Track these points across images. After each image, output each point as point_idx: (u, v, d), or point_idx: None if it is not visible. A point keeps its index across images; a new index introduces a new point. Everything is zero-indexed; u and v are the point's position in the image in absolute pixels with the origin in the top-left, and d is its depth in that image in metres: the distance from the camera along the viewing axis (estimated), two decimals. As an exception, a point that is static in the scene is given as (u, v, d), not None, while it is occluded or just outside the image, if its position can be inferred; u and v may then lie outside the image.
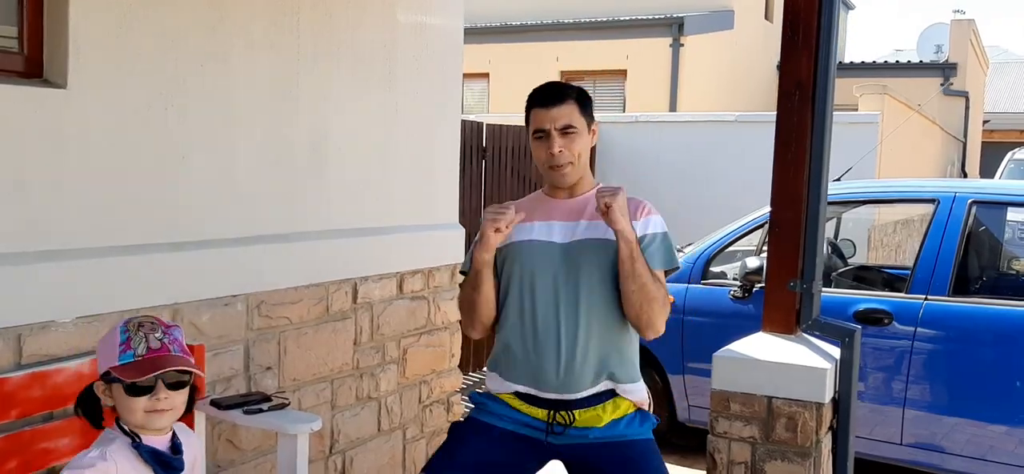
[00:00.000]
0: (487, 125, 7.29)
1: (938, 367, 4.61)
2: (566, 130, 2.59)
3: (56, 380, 2.65)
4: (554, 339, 2.57)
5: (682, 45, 14.21)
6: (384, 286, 4.09)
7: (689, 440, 5.35)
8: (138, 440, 2.01)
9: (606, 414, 2.62)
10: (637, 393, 2.72)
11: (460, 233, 4.63)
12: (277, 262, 3.52)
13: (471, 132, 6.93)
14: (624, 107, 14.25)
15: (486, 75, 15.13)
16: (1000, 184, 5.97)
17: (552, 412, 2.60)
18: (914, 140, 12.70)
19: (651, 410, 2.79)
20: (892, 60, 20.36)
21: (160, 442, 2.05)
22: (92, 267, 2.86)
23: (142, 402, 1.97)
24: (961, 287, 4.76)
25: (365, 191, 3.99)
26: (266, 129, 3.47)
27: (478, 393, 2.79)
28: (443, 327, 4.51)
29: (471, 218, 6.06)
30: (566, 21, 14.72)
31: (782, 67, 3.59)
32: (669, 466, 5.33)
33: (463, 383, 4.95)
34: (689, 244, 5.75)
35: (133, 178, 2.99)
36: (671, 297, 5.40)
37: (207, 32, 3.20)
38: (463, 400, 4.67)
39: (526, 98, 2.71)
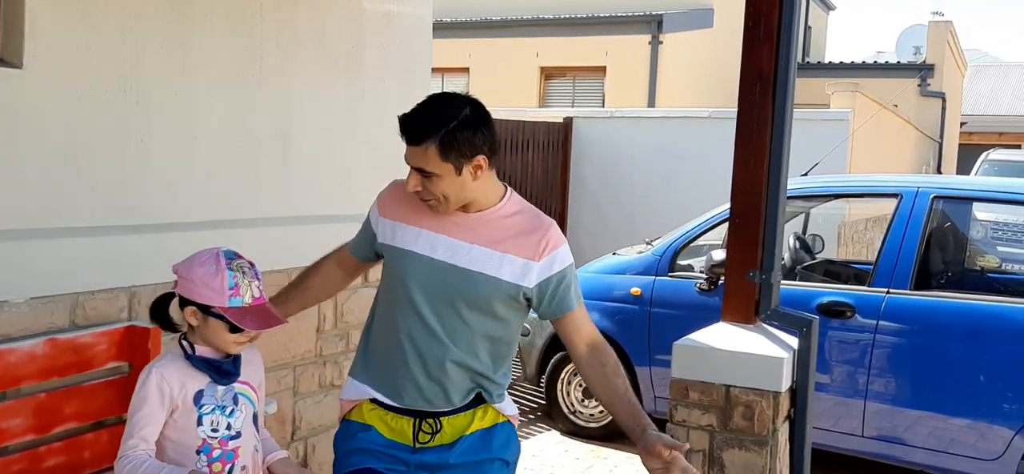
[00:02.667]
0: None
1: (900, 360, 4.66)
2: (422, 172, 2.23)
3: (8, 360, 2.64)
4: (418, 362, 2.34)
5: (661, 43, 14.25)
6: (349, 274, 4.09)
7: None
8: (192, 352, 2.27)
9: (476, 421, 2.42)
10: (508, 410, 2.51)
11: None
12: (238, 247, 3.47)
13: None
14: (603, 104, 14.29)
15: (466, 70, 15.12)
16: (964, 179, 6.04)
17: (418, 421, 2.38)
18: (888, 139, 12.80)
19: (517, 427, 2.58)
20: (871, 61, 20.49)
21: (214, 353, 2.28)
22: (47, 248, 2.85)
23: (235, 337, 2.25)
24: (923, 281, 4.82)
25: (329, 179, 3.99)
26: (227, 114, 3.47)
27: (337, 442, 2.51)
28: (409, 316, 4.52)
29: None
30: (546, 17, 14.73)
31: (743, 60, 3.62)
32: (636, 457, 5.40)
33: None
34: (657, 237, 5.79)
35: (90, 160, 2.98)
36: (637, 290, 5.47)
37: (167, 14, 3.19)
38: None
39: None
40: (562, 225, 9.53)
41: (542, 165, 9.24)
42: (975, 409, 4.47)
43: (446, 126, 2.19)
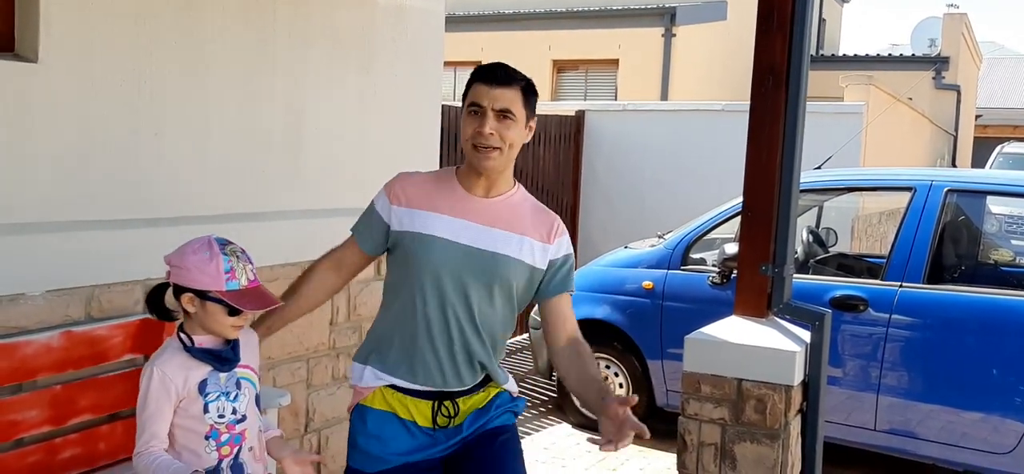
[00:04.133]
0: (473, 111, 7.28)
1: (913, 354, 4.65)
2: (504, 114, 2.37)
3: (25, 352, 2.67)
4: (445, 344, 2.42)
5: (674, 35, 14.20)
6: (362, 267, 4.11)
7: (668, 424, 5.37)
8: (191, 343, 2.30)
9: (487, 396, 2.56)
10: (511, 387, 2.65)
11: (439, 216, 4.64)
12: (252, 240, 3.48)
13: (456, 118, 6.92)
14: (616, 97, 14.25)
15: (478, 63, 15.12)
16: (978, 173, 6.00)
17: (436, 403, 2.47)
18: (903, 133, 12.73)
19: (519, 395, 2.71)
20: (886, 54, 20.39)
21: (212, 342, 2.32)
22: (63, 241, 2.87)
23: (232, 320, 2.29)
24: (936, 275, 4.80)
25: (342, 172, 4.00)
26: (241, 108, 3.49)
27: (354, 426, 2.55)
28: (421, 309, 4.53)
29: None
30: (558, 9, 14.71)
31: (756, 52, 3.61)
32: (648, 451, 5.43)
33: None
34: (669, 231, 5.78)
35: (105, 153, 3.00)
36: (649, 283, 5.47)
37: (181, 8, 3.21)
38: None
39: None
40: (574, 218, 9.52)
41: (554, 158, 9.23)
42: (988, 403, 4.45)
43: (527, 79, 2.45)
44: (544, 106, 10.50)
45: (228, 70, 3.41)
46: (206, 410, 2.29)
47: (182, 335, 2.32)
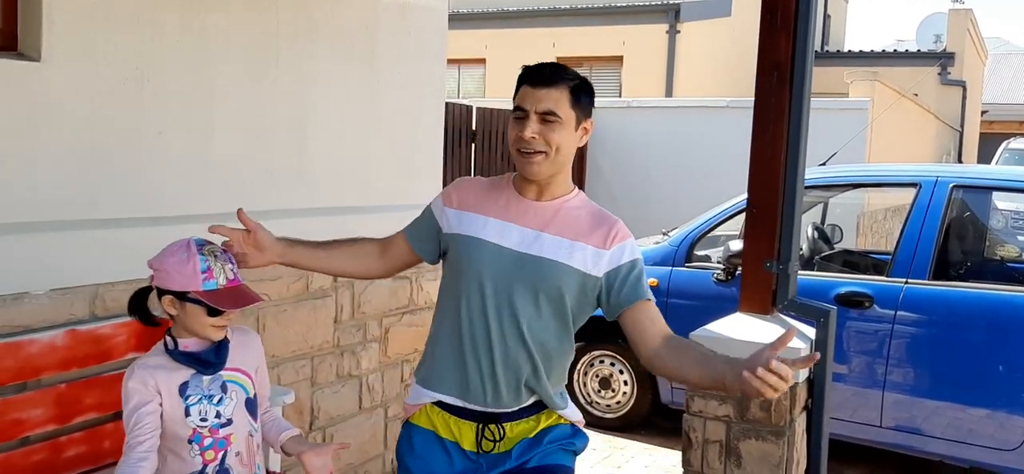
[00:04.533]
0: (478, 109, 7.31)
1: (919, 350, 4.64)
2: (547, 116, 2.24)
3: (29, 351, 2.67)
4: (487, 353, 2.30)
5: (679, 32, 14.21)
6: (365, 265, 4.11)
7: (673, 422, 5.38)
8: (174, 347, 2.29)
9: (539, 424, 2.39)
10: (571, 415, 2.46)
11: (443, 214, 4.64)
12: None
13: (461, 115, 6.94)
14: (620, 94, 14.25)
15: (483, 60, 15.12)
16: (983, 169, 5.98)
17: (481, 426, 2.35)
18: (908, 129, 12.70)
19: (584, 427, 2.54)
20: (891, 49, 20.34)
21: (197, 345, 2.31)
22: (66, 240, 2.87)
23: (213, 320, 2.28)
24: (942, 271, 4.79)
25: (346, 170, 4.00)
26: (244, 106, 3.48)
27: (401, 443, 2.49)
28: (426, 307, 4.53)
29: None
30: (563, 7, 14.71)
31: (760, 48, 3.61)
32: (653, 448, 5.43)
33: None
34: (674, 227, 5.78)
35: (108, 152, 3.00)
36: (653, 281, 5.46)
37: (184, 6, 3.21)
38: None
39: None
40: (579, 216, 9.51)
41: (558, 155, 9.24)
42: (994, 399, 4.44)
43: (577, 79, 2.31)
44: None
45: (231, 68, 3.41)
46: (187, 414, 2.28)
47: (167, 338, 2.32)
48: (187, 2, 3.22)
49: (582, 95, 2.31)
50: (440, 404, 2.39)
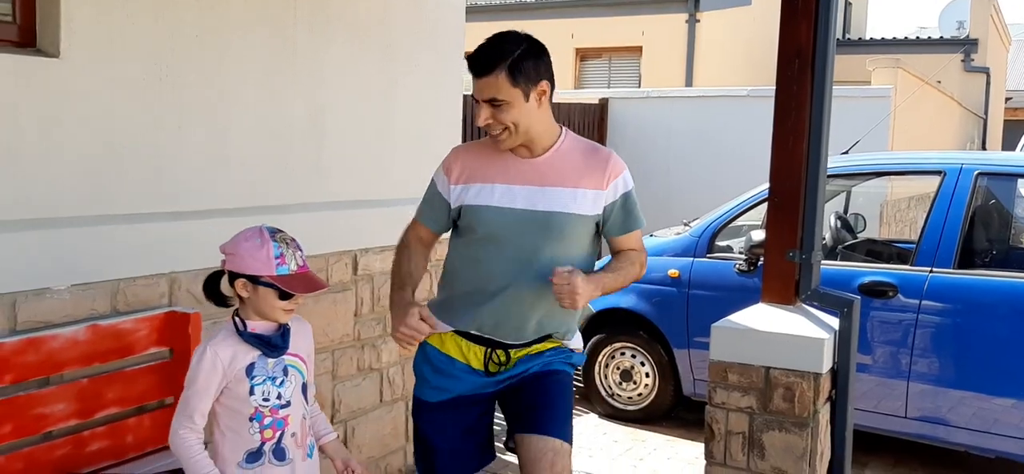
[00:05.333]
0: (496, 100, 7.25)
1: (943, 340, 4.58)
2: (493, 102, 2.45)
3: (51, 346, 2.68)
4: (505, 303, 2.56)
5: (698, 21, 14.10)
6: (385, 258, 4.09)
7: (695, 414, 5.34)
8: (243, 328, 2.40)
9: (542, 348, 2.66)
10: (573, 343, 2.75)
11: (462, 206, 4.63)
12: (275, 233, 3.53)
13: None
14: (640, 84, 14.17)
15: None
16: (1009, 156, 5.88)
17: (489, 350, 2.62)
18: (931, 116, 12.57)
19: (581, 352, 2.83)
20: (913, 36, 20.14)
21: (264, 328, 2.42)
22: (87, 235, 2.88)
23: (283, 304, 2.39)
24: (967, 260, 4.73)
25: (364, 163, 4.00)
26: (262, 100, 3.48)
27: (417, 361, 2.76)
28: (445, 300, 4.52)
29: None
30: (581, -3, 14.64)
31: (781, 35, 3.55)
32: (675, 440, 5.40)
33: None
34: (695, 218, 5.74)
35: (127, 148, 3.01)
36: (675, 272, 5.43)
37: (201, 2, 3.20)
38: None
39: None
40: (598, 207, 9.47)
41: (578, 147, 9.19)
42: (1020, 389, 4.38)
43: (512, 54, 2.42)
44: (567, 95, 10.46)
45: (249, 62, 3.41)
46: (252, 393, 2.38)
47: (236, 319, 2.42)
48: (205, -4, 3.21)
49: (521, 68, 2.43)
50: (456, 332, 2.64)
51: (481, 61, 2.43)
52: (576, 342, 2.76)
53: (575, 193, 2.53)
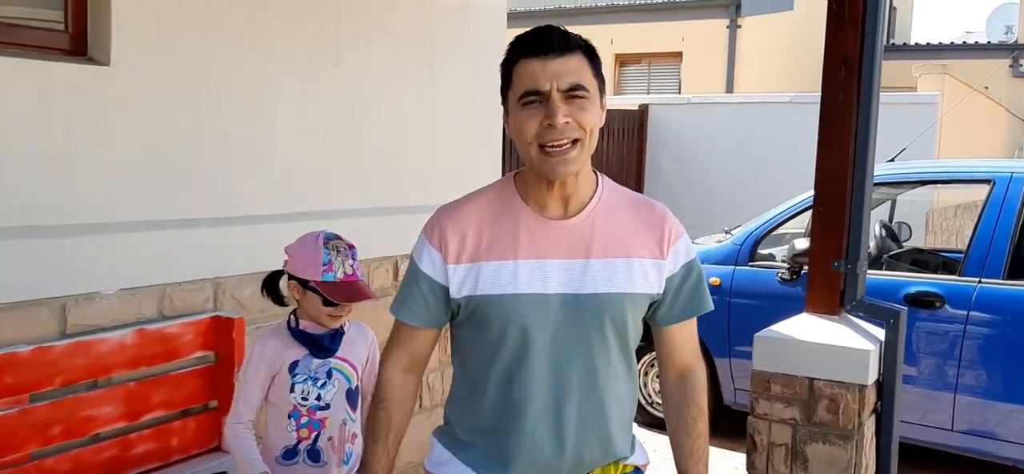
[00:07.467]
0: (536, 107, 7.27)
1: (992, 352, 4.49)
2: (574, 92, 1.70)
3: (99, 350, 2.73)
4: (552, 429, 1.80)
5: (739, 26, 14.01)
6: (426, 264, 4.11)
7: (736, 423, 5.29)
8: (295, 325, 2.47)
9: None
10: (639, 459, 2.01)
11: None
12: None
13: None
14: (680, 90, 14.11)
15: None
16: (1062, 165, 5.78)
17: None
18: (978, 123, 12.36)
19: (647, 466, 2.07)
20: (959, 41, 19.82)
21: (314, 328, 2.47)
22: (135, 241, 2.93)
23: (328, 310, 2.43)
24: (1017, 270, 4.64)
25: (405, 170, 4.01)
26: (306, 107, 3.51)
27: None
28: (486, 306, 4.53)
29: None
30: (621, 3, 14.61)
31: (827, 43, 3.52)
32: (715, 450, 5.34)
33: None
34: (737, 226, 5.69)
35: (175, 154, 3.05)
36: (716, 280, 5.38)
37: (246, 10, 3.24)
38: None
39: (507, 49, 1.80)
40: (638, 214, 9.44)
41: (617, 154, 9.16)
42: (1073, 403, 4.29)
43: (585, 40, 1.78)
44: (607, 101, 10.42)
45: (293, 69, 3.44)
46: (292, 390, 2.43)
47: (291, 317, 2.49)
48: (250, 5, 3.25)
49: (596, 59, 1.79)
50: None
51: (559, 36, 1.71)
52: (640, 457, 2.00)
53: (630, 264, 1.80)
